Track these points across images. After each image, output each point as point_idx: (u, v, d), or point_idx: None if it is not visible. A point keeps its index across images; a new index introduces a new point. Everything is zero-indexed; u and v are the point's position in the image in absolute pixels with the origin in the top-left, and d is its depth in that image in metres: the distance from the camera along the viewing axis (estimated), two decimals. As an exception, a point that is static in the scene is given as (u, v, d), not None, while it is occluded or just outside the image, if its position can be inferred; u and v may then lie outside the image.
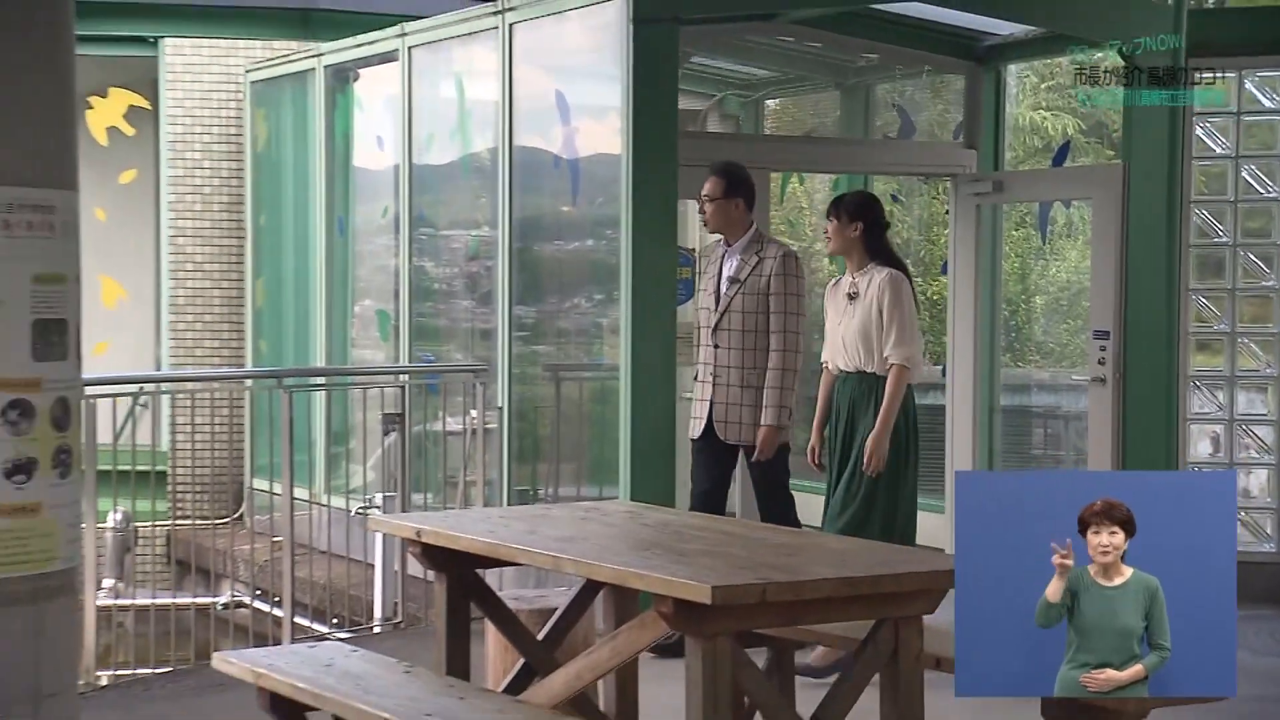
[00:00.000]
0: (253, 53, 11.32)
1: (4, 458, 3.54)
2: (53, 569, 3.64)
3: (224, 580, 9.78)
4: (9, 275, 3.56)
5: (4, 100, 3.53)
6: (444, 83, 9.56)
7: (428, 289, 9.78)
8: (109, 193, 11.50)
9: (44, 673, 3.58)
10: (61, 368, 3.67)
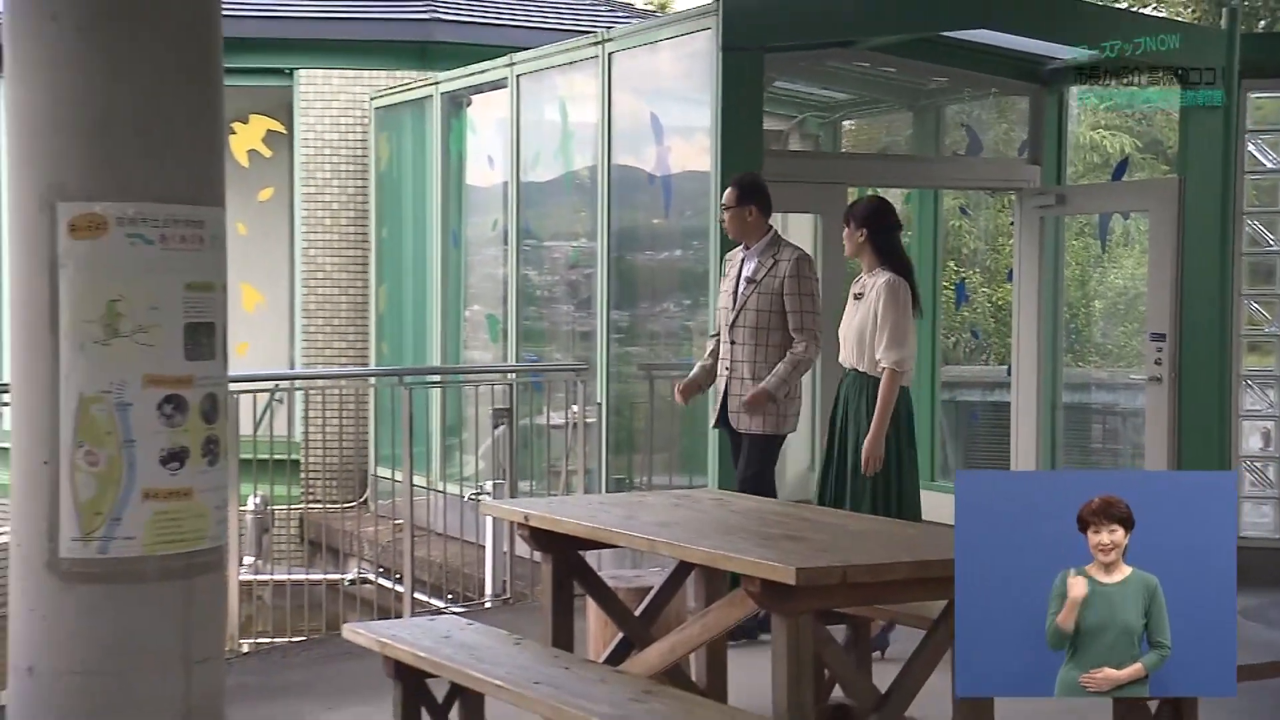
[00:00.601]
0: (377, 82, 11.43)
1: (160, 447, 3.58)
2: (202, 547, 3.68)
3: (350, 559, 9.88)
4: (165, 284, 3.60)
5: (163, 130, 3.59)
6: (548, 107, 9.60)
7: (532, 295, 9.82)
8: (249, 209, 11.66)
9: (195, 640, 3.64)
10: (210, 366, 3.71)
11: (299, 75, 11.50)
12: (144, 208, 3.57)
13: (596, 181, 8.57)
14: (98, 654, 3.55)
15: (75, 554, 3.55)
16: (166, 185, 3.62)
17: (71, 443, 3.56)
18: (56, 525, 3.55)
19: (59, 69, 3.54)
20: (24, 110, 3.59)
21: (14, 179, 3.63)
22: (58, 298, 3.55)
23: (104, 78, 3.54)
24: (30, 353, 3.60)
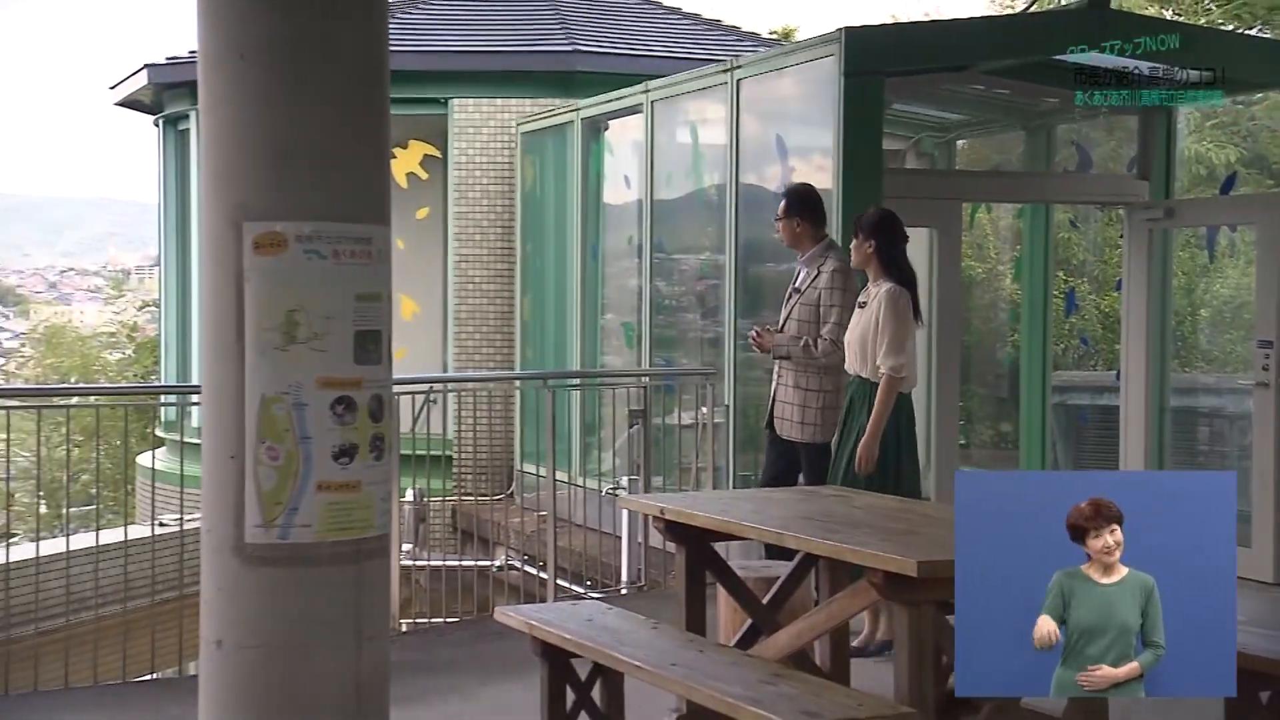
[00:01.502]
0: (523, 109, 11.55)
1: (332, 443, 3.62)
2: (370, 535, 3.73)
3: (498, 547, 9.98)
4: (337, 295, 3.66)
5: (337, 156, 3.66)
6: (680, 130, 9.61)
7: (664, 304, 9.84)
8: (407, 226, 11.87)
9: (364, 619, 3.69)
10: (377, 370, 3.76)
11: (453, 104, 11.68)
12: (319, 226, 3.64)
13: (724, 199, 8.55)
14: (278, 630, 3.62)
15: (258, 539, 3.62)
16: (339, 206, 3.68)
17: (255, 439, 3.63)
18: (241, 513, 3.63)
19: (245, 101, 3.63)
20: (215, 138, 3.69)
21: (206, 201, 3.74)
22: (243, 308, 3.63)
23: (285, 109, 3.62)
24: (219, 358, 3.70)
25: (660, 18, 14.48)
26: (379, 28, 3.77)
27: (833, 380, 6.15)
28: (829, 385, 6.14)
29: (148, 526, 7.37)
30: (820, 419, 6.13)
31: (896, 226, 5.89)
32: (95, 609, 6.20)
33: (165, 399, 12.67)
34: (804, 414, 6.17)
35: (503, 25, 13.07)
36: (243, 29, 3.62)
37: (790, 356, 6.16)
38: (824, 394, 6.15)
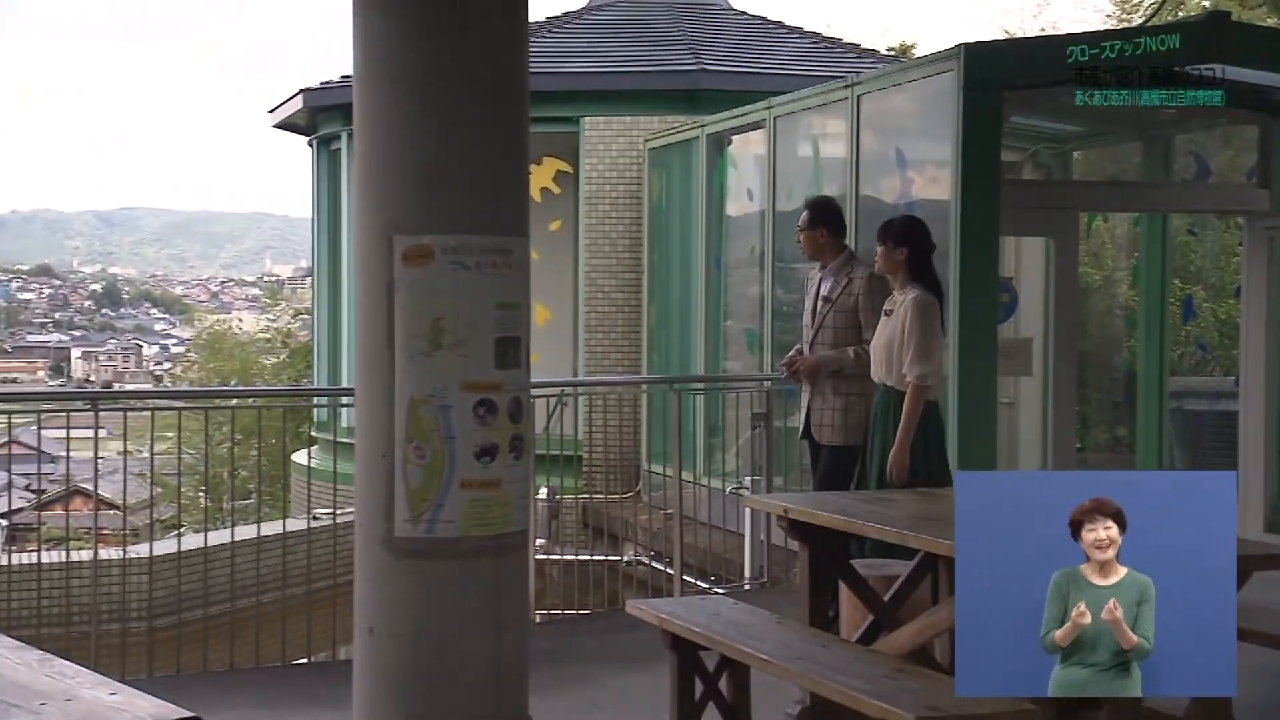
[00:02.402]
0: (650, 126, 11.59)
1: (475, 443, 3.68)
2: (509, 530, 3.78)
3: (626, 543, 10.01)
4: (479, 304, 3.71)
5: (480, 173, 3.72)
6: (802, 144, 9.56)
7: (784, 311, 9.79)
8: (541, 238, 11.95)
9: (504, 610, 3.74)
10: (516, 375, 3.80)
11: (584, 122, 11.76)
12: (464, 239, 3.70)
13: (844, 209, 8.47)
14: (424, 619, 3.68)
15: (406, 533, 3.69)
16: (482, 219, 3.73)
17: (404, 439, 3.70)
18: (391, 508, 3.70)
19: (396, 122, 3.70)
20: (368, 158, 3.77)
21: (359, 216, 3.82)
22: (393, 316, 3.70)
23: (432, 130, 3.69)
24: (371, 363, 3.77)
25: (783, 36, 14.42)
26: (520, 53, 3.81)
27: (870, 385, 5.89)
28: (869, 389, 5.85)
29: (303, 520, 7.57)
30: (860, 422, 5.90)
31: (926, 234, 5.66)
32: (256, 596, 6.37)
33: (318, 401, 12.97)
34: (847, 417, 5.93)
35: (632, 47, 13.15)
36: (394, 55, 3.69)
37: (843, 370, 5.94)
38: (866, 398, 5.87)
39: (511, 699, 3.76)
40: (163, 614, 6.82)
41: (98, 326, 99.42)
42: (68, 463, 6.81)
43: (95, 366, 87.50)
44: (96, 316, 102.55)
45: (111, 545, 7.82)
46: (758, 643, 3.97)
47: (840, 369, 5.94)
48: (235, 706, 5.07)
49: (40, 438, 7.31)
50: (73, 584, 6.41)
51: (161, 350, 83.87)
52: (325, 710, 4.89)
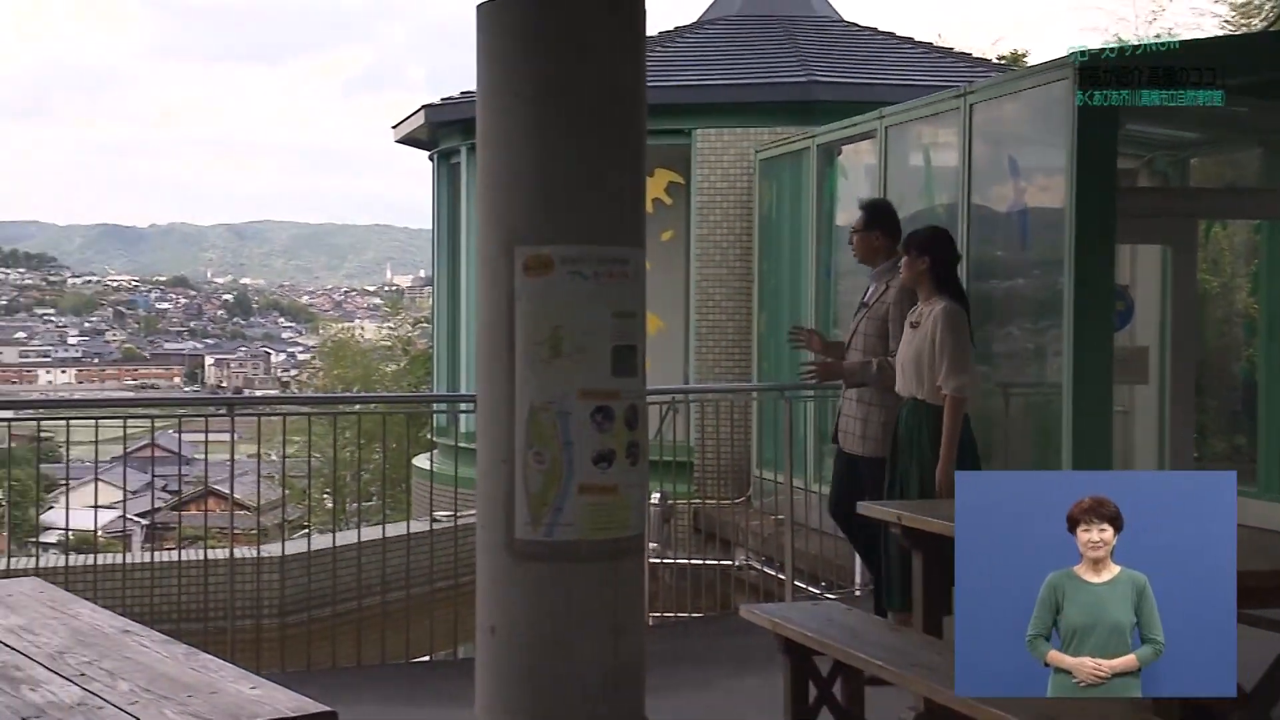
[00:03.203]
0: (761, 137, 11.56)
1: (593, 449, 3.71)
2: (626, 534, 3.80)
3: (737, 548, 9.99)
4: (597, 313, 3.74)
5: (598, 185, 3.75)
6: (913, 154, 9.45)
7: (895, 320, 9.68)
8: (652, 248, 11.81)
9: (621, 612, 3.76)
10: (632, 382, 3.82)
11: (696, 134, 11.77)
12: (582, 249, 3.72)
13: (956, 218, 8.35)
14: (543, 620, 3.71)
15: (526, 536, 3.72)
16: (600, 230, 3.76)
17: (524, 445, 3.74)
18: (512, 512, 3.74)
19: (518, 137, 3.75)
20: (490, 171, 3.82)
21: (482, 228, 3.87)
22: (514, 325, 3.75)
23: (553, 143, 3.73)
24: (492, 370, 3.82)
25: (894, 47, 14.27)
26: (637, 68, 3.83)
27: (895, 396, 5.66)
28: (890, 401, 5.65)
29: (424, 522, 7.69)
30: (881, 433, 5.68)
31: (950, 244, 5.46)
32: (381, 595, 6.48)
33: (437, 407, 13.17)
34: (865, 428, 5.73)
35: (744, 60, 13.13)
36: (516, 72, 3.74)
37: (866, 383, 5.74)
38: (885, 409, 5.67)
39: (628, 700, 3.77)
40: (294, 611, 6.98)
41: (229, 335, 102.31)
42: (206, 466, 6.99)
43: (227, 373, 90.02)
44: (228, 325, 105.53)
45: (244, 544, 8.03)
46: (872, 648, 3.92)
47: (864, 381, 5.77)
48: (364, 701, 5.16)
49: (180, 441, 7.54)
50: (210, 581, 6.59)
51: (288, 357, 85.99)
52: (448, 707, 4.96)
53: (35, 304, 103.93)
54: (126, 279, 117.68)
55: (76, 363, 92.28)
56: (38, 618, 2.79)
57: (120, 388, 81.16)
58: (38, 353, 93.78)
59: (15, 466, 10.86)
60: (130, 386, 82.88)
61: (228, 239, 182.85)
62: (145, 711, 2.11)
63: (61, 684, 2.28)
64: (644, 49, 3.87)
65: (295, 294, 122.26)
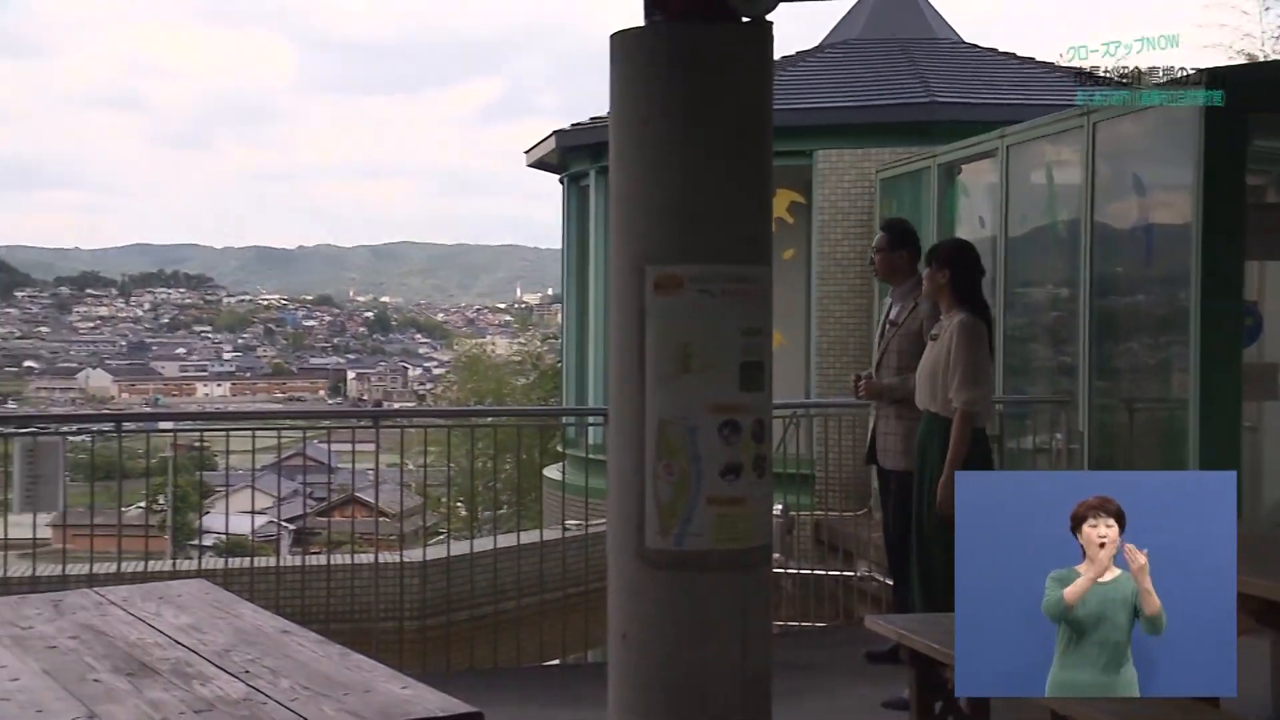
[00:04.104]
0: (882, 157, 11.45)
1: (720, 462, 3.70)
2: (754, 544, 3.77)
3: (858, 559, 9.88)
4: (725, 330, 3.73)
5: (727, 205, 3.75)
6: (1035, 172, 9.26)
7: (1015, 335, 9.49)
8: (775, 266, 11.86)
9: (749, 621, 3.73)
10: (759, 397, 3.79)
11: (817, 155, 11.71)
12: (711, 268, 3.72)
13: (1079, 234, 8.16)
14: (673, 627, 3.71)
15: (656, 545, 3.73)
16: (728, 249, 3.75)
17: (654, 457, 3.74)
18: (642, 522, 3.74)
19: (649, 159, 3.77)
20: (623, 193, 3.85)
21: (614, 247, 3.90)
22: (644, 342, 3.76)
23: (682, 166, 3.74)
24: (624, 385, 3.84)
25: (1014, 68, 14.02)
26: (764, 92, 3.82)
27: None
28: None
29: (556, 530, 7.76)
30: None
31: (973, 257, 5.27)
32: (516, 599, 6.56)
33: (566, 420, 13.29)
34: (908, 443, 5.57)
35: (864, 82, 13.01)
36: (647, 97, 3.76)
37: (905, 399, 5.59)
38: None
39: (757, 707, 3.74)
40: (433, 614, 7.10)
41: (370, 350, 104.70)
42: (353, 475, 7.16)
43: (367, 386, 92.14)
44: (369, 341, 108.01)
45: (385, 550, 8.20)
46: (998, 662, 3.83)
47: (904, 396, 5.64)
48: (499, 703, 5.21)
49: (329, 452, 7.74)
50: (355, 584, 6.75)
51: (425, 372, 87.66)
52: (581, 709, 4.99)
53: (194, 321, 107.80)
54: (276, 298, 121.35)
55: (230, 376, 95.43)
56: (204, 617, 2.89)
57: (270, 400, 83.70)
58: (196, 367, 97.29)
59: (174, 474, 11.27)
60: (279, 399, 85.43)
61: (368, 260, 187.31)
62: (305, 708, 2.17)
63: (228, 680, 2.36)
64: (772, 75, 3.87)
65: (431, 311, 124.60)
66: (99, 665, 2.46)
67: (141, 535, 8.73)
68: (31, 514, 5.42)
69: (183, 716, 2.13)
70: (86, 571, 5.92)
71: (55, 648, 2.61)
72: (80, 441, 6.64)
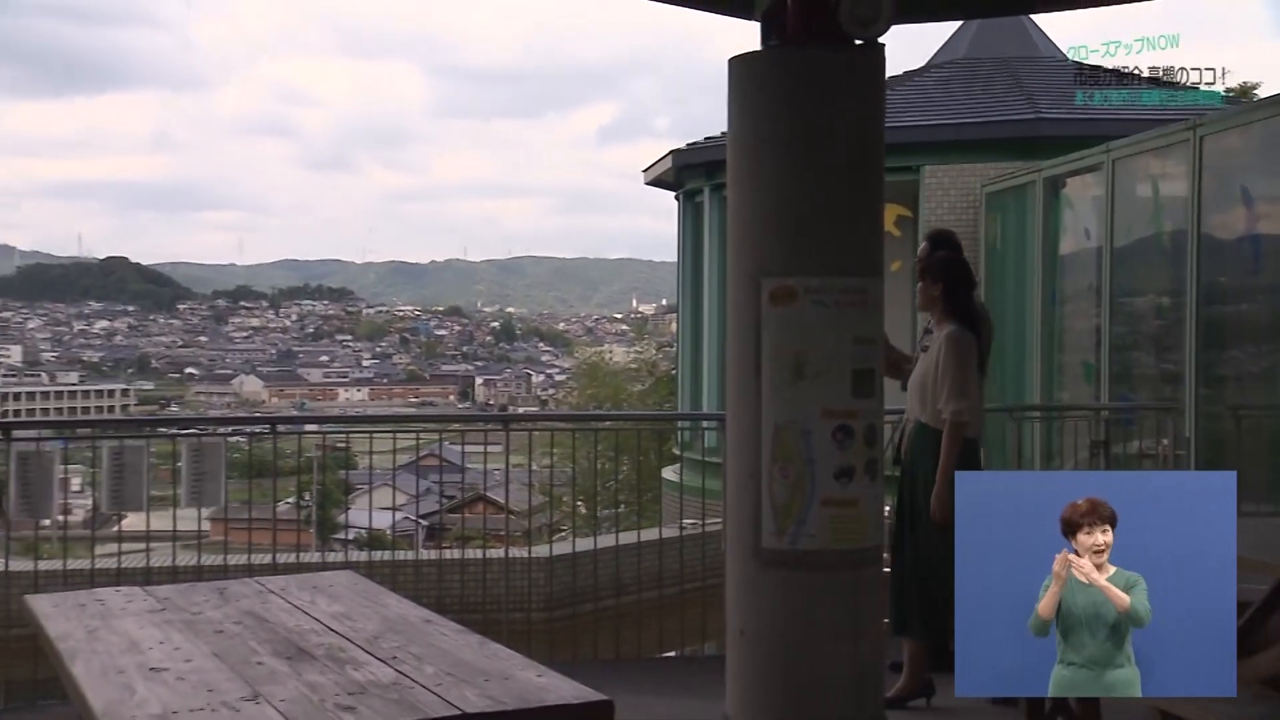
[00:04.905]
0: (986, 172, 11.23)
1: (834, 465, 3.69)
2: (865, 545, 3.75)
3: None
4: (838, 339, 3.72)
5: (840, 221, 3.73)
6: (1140, 184, 8.99)
7: (1121, 343, 9.22)
8: (882, 278, 11.79)
9: (862, 619, 3.71)
10: (870, 403, 3.78)
11: (924, 170, 11.54)
12: (824, 280, 3.71)
13: (1185, 245, 7.89)
14: (789, 624, 3.70)
15: (772, 545, 3.72)
16: (841, 262, 3.74)
17: (770, 461, 3.74)
18: (759, 523, 3.75)
19: (765, 179, 3.77)
20: (740, 210, 3.85)
21: (731, 261, 3.91)
22: (760, 351, 3.77)
23: (797, 184, 3.73)
24: (740, 392, 3.85)
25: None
26: (877, 116, 3.79)
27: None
28: None
29: (672, 529, 7.75)
30: None
31: (964, 271, 5.07)
32: (637, 594, 6.58)
33: (681, 424, 13.28)
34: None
35: (970, 100, 12.79)
36: (765, 120, 3.76)
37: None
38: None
39: (870, 701, 3.70)
40: (559, 606, 7.16)
41: (496, 358, 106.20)
42: (484, 474, 7.27)
43: (494, 391, 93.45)
44: (495, 349, 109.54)
45: (513, 546, 8.30)
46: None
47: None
48: (625, 692, 5.21)
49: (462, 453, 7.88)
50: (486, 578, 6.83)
51: (547, 378, 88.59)
52: (698, 699, 4.98)
53: (336, 331, 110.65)
54: (410, 309, 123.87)
55: (369, 382, 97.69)
56: (354, 606, 2.96)
57: (404, 404, 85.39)
58: (338, 373, 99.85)
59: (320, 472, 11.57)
60: (413, 403, 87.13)
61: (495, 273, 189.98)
62: (449, 693, 2.21)
63: (378, 665, 2.41)
64: (884, 98, 3.83)
65: (553, 321, 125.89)
66: (261, 649, 2.54)
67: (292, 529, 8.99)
68: (196, 508, 5.62)
69: (338, 698, 2.18)
70: (245, 562, 6.11)
71: (222, 632, 2.71)
72: (236, 442, 6.85)
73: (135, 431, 6.12)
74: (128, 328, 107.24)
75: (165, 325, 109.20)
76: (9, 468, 5.20)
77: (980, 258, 11.29)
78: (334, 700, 2.17)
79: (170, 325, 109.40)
